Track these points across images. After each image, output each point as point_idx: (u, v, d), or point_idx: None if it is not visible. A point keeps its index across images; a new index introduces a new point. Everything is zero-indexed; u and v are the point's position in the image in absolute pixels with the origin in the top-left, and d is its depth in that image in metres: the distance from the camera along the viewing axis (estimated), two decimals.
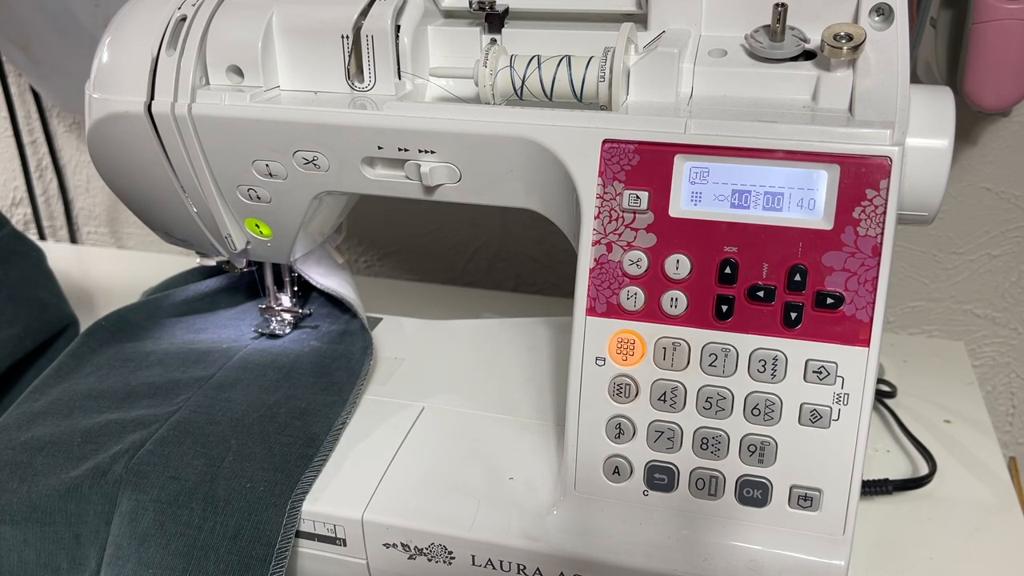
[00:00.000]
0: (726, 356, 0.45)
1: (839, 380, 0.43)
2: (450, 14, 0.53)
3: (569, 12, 0.52)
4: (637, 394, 0.46)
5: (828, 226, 0.42)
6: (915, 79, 0.52)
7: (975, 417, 0.66)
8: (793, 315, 0.43)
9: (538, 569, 0.48)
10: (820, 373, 0.43)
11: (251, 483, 0.50)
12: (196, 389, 0.58)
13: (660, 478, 0.47)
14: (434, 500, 0.51)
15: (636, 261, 0.45)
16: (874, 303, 0.42)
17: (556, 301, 0.85)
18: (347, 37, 0.49)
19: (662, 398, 0.46)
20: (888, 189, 0.41)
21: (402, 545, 0.50)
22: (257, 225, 0.56)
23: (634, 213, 0.45)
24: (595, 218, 0.45)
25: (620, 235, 0.45)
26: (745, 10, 0.47)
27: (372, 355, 0.62)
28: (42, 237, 1.14)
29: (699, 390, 0.45)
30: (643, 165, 0.44)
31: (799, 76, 0.45)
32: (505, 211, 0.93)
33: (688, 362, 0.45)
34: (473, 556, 0.49)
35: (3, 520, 0.51)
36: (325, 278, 0.65)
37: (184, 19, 0.51)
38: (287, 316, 0.66)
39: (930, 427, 0.64)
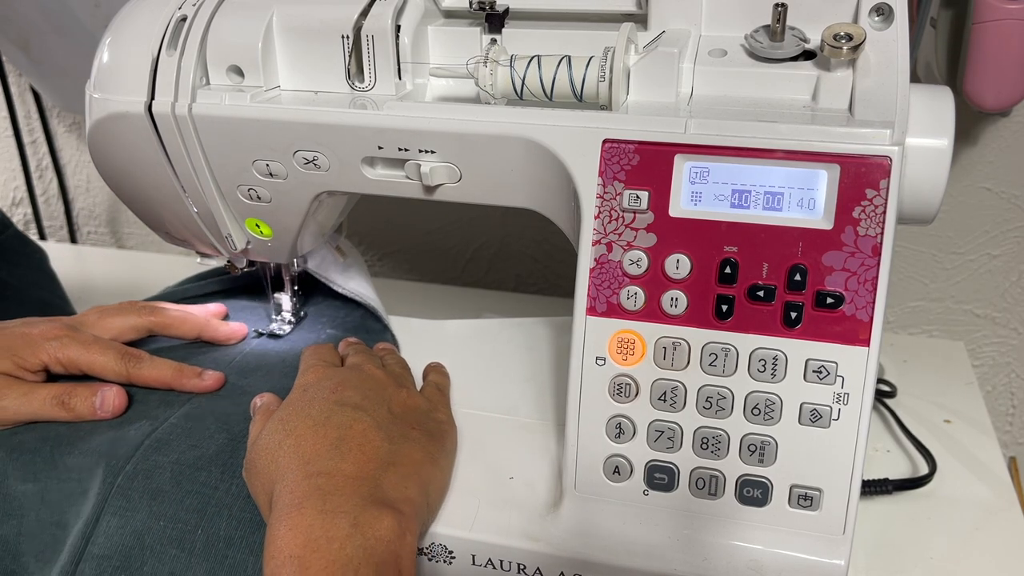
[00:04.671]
0: (726, 356, 0.45)
1: (839, 380, 0.43)
2: (450, 14, 0.53)
3: (569, 12, 0.52)
4: (637, 394, 0.46)
5: (828, 226, 0.42)
6: (915, 79, 0.52)
7: (975, 417, 0.66)
8: (793, 315, 0.43)
9: (538, 569, 0.48)
10: (820, 373, 0.43)
11: None
12: None
13: (660, 478, 0.47)
14: None
15: (636, 261, 0.45)
16: (874, 303, 0.42)
17: (556, 301, 0.85)
18: (347, 37, 0.49)
19: (662, 398, 0.46)
20: (888, 189, 0.41)
21: None
22: (257, 225, 0.57)
23: (634, 213, 0.45)
24: (595, 218, 0.45)
25: (620, 235, 0.45)
26: (745, 10, 0.47)
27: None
28: (42, 237, 1.14)
29: (699, 390, 0.45)
30: (643, 165, 0.44)
31: (799, 76, 0.45)
32: (505, 211, 0.93)
33: (688, 362, 0.45)
34: (473, 556, 0.49)
35: (27, 479, 0.51)
36: (343, 278, 0.66)
37: (184, 19, 0.51)
38: (287, 316, 0.66)
39: (930, 427, 0.64)
